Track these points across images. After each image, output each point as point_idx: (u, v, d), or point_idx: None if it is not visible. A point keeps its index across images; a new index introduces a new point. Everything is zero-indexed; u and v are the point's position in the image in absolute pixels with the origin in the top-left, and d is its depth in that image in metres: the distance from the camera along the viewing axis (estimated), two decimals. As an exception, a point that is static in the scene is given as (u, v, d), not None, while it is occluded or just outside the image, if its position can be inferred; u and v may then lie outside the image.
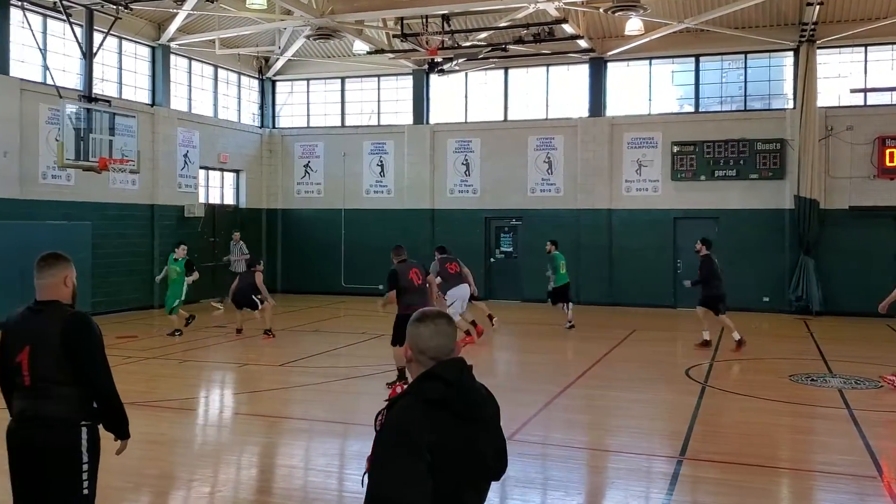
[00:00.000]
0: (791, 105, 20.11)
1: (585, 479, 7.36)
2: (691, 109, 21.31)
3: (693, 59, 21.08)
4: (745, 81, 20.89)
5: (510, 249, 22.53)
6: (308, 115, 24.93)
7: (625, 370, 12.46)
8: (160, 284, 16.80)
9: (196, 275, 15.82)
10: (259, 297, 15.35)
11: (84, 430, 4.17)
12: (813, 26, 18.77)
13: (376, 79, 24.06)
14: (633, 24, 19.50)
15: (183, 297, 15.19)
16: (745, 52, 20.56)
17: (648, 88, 21.52)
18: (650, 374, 12.14)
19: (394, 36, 19.82)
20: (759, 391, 10.57)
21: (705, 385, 11.02)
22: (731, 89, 21.11)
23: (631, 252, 21.01)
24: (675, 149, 20.59)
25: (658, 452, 8.08)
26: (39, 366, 4.11)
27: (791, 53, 20.14)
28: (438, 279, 13.70)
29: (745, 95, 20.88)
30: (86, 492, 4.19)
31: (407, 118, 23.50)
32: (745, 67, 20.82)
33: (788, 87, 20.53)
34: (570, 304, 16.74)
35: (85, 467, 4.17)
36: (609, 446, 8.32)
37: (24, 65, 17.02)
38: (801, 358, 13.38)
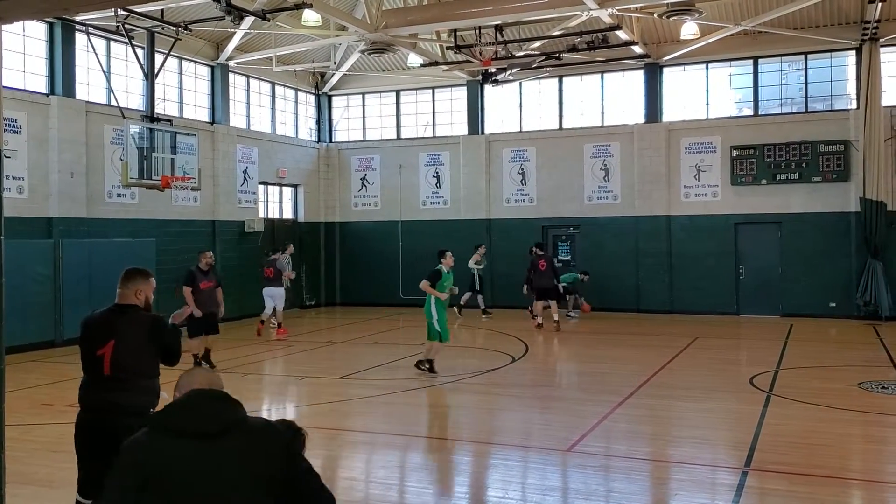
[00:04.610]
0: (854, 105, 19.60)
1: (648, 491, 7.25)
2: (750, 113, 20.92)
3: (751, 61, 20.71)
4: (806, 82, 20.43)
5: (568, 258, 22.37)
6: (364, 129, 25.18)
7: (687, 379, 12.25)
8: None
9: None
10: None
11: None
12: (876, 24, 18.28)
13: (431, 91, 24.20)
14: (689, 29, 19.25)
15: None
16: (806, 53, 20.11)
17: (706, 92, 21.21)
18: (713, 383, 11.92)
19: (447, 48, 19.90)
20: (828, 400, 10.29)
21: (770, 394, 10.78)
22: (791, 91, 20.67)
23: (691, 259, 20.71)
24: (735, 153, 20.24)
25: (722, 463, 7.93)
26: (122, 358, 4.81)
27: (853, 53, 19.63)
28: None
29: (807, 97, 20.41)
30: None
31: (462, 129, 23.57)
32: (806, 68, 20.36)
33: (851, 87, 20.01)
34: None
35: None
36: (672, 457, 8.18)
37: (88, 87, 17.56)
38: (871, 365, 12.98)
